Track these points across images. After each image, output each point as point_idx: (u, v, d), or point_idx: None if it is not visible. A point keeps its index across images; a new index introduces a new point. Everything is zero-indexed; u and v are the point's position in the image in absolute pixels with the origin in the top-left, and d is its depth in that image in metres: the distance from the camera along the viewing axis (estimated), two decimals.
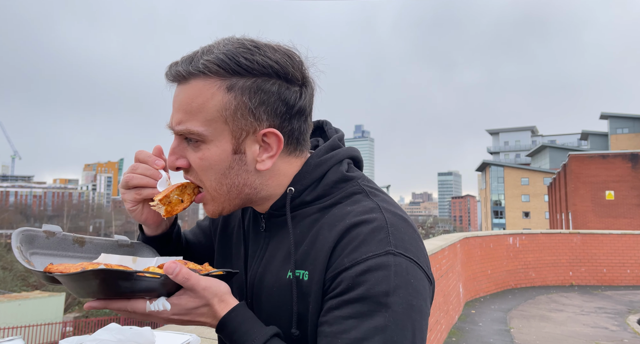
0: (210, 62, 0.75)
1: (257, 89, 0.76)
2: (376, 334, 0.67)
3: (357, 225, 0.75)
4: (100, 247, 0.90)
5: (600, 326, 7.60)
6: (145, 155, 0.88)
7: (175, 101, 0.79)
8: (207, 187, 0.82)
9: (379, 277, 0.70)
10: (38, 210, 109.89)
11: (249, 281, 0.87)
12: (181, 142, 0.81)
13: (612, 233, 11.50)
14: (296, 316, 0.76)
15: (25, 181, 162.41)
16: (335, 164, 0.85)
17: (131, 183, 0.86)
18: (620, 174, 24.51)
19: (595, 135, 53.73)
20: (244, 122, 0.77)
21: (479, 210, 77.95)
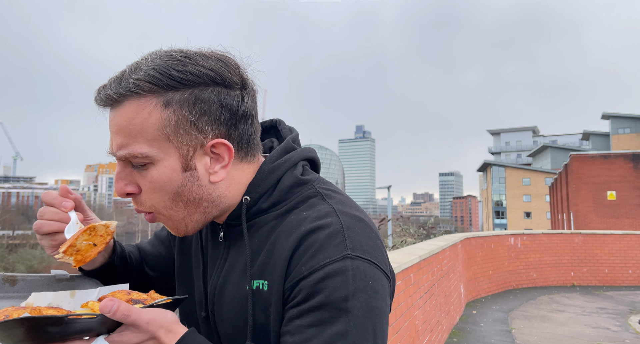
0: (141, 80, 0.71)
1: (196, 100, 0.73)
2: (338, 340, 0.67)
3: (313, 232, 0.74)
4: (34, 284, 0.83)
5: (602, 326, 7.58)
6: (51, 197, 0.82)
7: (111, 126, 0.74)
8: (158, 208, 0.78)
9: (337, 283, 0.70)
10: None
11: (210, 292, 0.84)
12: (126, 166, 0.76)
13: (614, 234, 11.48)
14: (251, 328, 0.75)
15: (27, 182, 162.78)
16: (289, 168, 0.83)
17: (41, 231, 0.81)
18: (621, 174, 24.47)
19: (596, 135, 53.63)
20: (187, 137, 0.74)
21: (480, 211, 77.90)
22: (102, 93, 0.74)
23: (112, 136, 0.75)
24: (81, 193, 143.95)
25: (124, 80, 0.72)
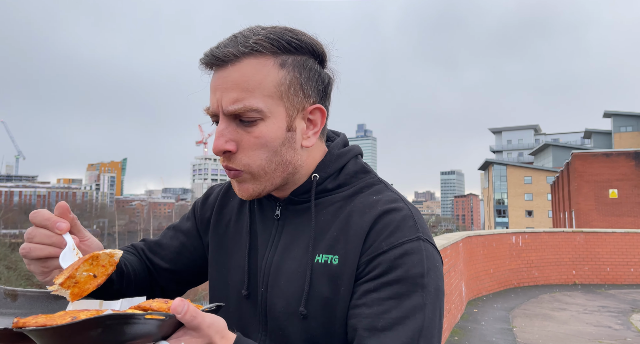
0: (263, 40, 0.76)
1: (304, 66, 0.80)
2: (416, 312, 0.73)
3: (388, 212, 0.80)
4: (34, 300, 0.77)
5: (604, 325, 7.58)
6: (43, 217, 0.73)
7: (224, 81, 0.77)
8: (251, 166, 0.80)
9: (415, 260, 0.76)
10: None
11: (264, 269, 0.86)
12: (230, 123, 0.78)
13: (616, 232, 11.46)
14: (305, 296, 0.79)
15: (29, 181, 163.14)
16: (352, 157, 0.90)
17: (31, 256, 0.72)
18: (623, 172, 24.42)
19: (598, 133, 53.50)
20: (295, 98, 0.80)
21: (482, 209, 77.82)
22: (220, 51, 0.77)
23: (221, 93, 0.77)
24: (83, 192, 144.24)
25: (241, 41, 0.76)
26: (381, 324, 0.72)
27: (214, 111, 0.79)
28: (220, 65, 0.77)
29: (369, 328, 0.72)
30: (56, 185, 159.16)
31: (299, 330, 0.80)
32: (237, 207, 0.96)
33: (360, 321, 0.74)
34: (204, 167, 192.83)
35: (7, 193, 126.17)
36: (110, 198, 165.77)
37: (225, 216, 0.97)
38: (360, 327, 0.74)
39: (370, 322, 0.73)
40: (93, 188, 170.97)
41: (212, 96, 0.79)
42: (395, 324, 0.72)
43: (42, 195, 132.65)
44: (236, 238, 0.93)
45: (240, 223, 0.93)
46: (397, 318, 0.72)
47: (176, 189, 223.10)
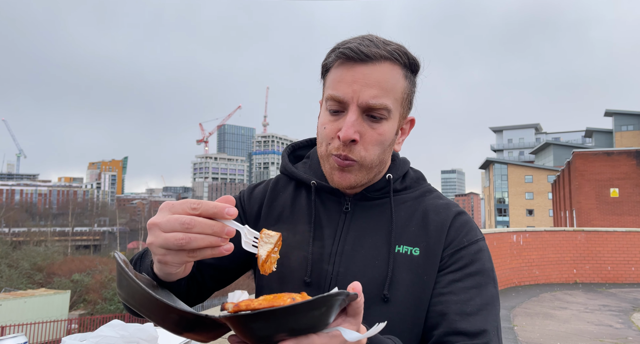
0: (398, 51, 0.86)
1: (414, 82, 0.92)
2: (494, 300, 0.87)
3: (461, 214, 0.94)
4: (145, 283, 0.73)
5: (605, 323, 7.58)
6: (208, 205, 0.66)
7: (366, 77, 0.84)
8: (366, 159, 0.88)
9: (487, 256, 0.91)
10: (43, 208, 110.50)
11: (333, 257, 0.90)
12: (359, 116, 0.85)
13: (617, 231, 11.45)
14: (389, 281, 0.86)
15: (30, 180, 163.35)
16: (409, 166, 1.04)
17: (190, 247, 0.64)
18: (625, 171, 24.38)
19: (599, 132, 53.39)
20: (407, 107, 0.92)
21: (483, 208, 77.80)
22: (365, 49, 0.84)
23: (360, 86, 0.84)
24: (84, 190, 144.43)
25: (380, 47, 0.85)
26: (470, 309, 0.84)
27: (345, 100, 0.85)
28: (365, 62, 0.84)
29: (459, 312, 0.83)
30: (57, 183, 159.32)
31: (378, 314, 0.85)
32: (290, 200, 1.00)
33: (449, 307, 0.84)
34: (204, 165, 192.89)
35: (9, 191, 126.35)
36: (111, 197, 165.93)
37: (276, 208, 1.00)
38: (450, 312, 0.84)
39: (460, 307, 0.84)
40: (94, 187, 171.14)
41: (344, 86, 0.85)
42: (480, 309, 0.84)
43: (44, 193, 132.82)
44: (293, 229, 0.95)
45: (298, 215, 0.97)
46: (482, 305, 0.85)
47: (177, 188, 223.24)
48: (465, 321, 0.82)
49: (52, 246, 45.47)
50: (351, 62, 0.85)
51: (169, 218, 0.65)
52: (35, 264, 35.03)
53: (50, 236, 62.59)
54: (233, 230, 0.67)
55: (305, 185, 1.01)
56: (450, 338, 0.82)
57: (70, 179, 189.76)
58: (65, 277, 31.60)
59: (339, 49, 0.86)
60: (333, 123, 0.87)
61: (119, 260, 0.66)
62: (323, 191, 0.97)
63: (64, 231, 78.17)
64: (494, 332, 0.83)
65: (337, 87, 0.85)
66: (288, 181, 1.04)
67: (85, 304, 28.51)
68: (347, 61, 0.85)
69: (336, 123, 0.86)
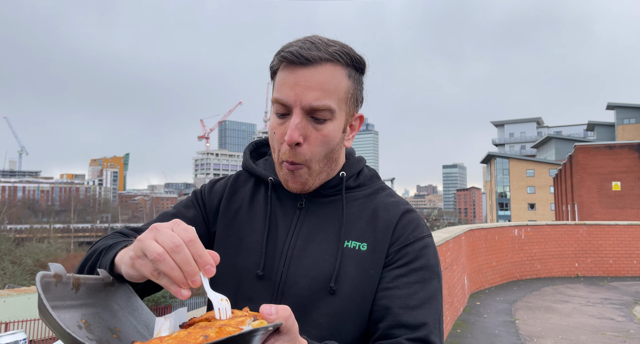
0: (340, 52, 0.88)
1: (359, 81, 0.94)
2: (437, 294, 0.91)
3: (409, 212, 0.97)
4: (91, 289, 0.73)
5: (606, 317, 7.58)
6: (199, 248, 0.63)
7: (307, 80, 0.86)
8: (312, 161, 0.91)
9: (432, 252, 0.94)
10: (46, 205, 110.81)
11: (286, 251, 0.93)
12: (303, 119, 0.88)
13: (619, 224, 11.43)
14: (336, 275, 0.89)
15: (32, 177, 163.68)
16: (364, 163, 1.06)
17: (159, 267, 0.62)
18: (627, 165, 24.31)
19: (601, 125, 53.20)
20: (352, 105, 0.94)
21: (484, 202, 77.77)
22: (307, 52, 0.86)
23: (302, 89, 0.86)
24: (86, 187, 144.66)
25: (321, 49, 0.87)
26: (413, 303, 0.87)
27: (289, 104, 0.87)
28: (305, 65, 0.86)
29: (403, 306, 0.87)
30: (59, 180, 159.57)
31: (325, 305, 0.88)
32: (248, 195, 1.03)
33: (393, 301, 0.88)
34: (206, 161, 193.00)
35: (11, 188, 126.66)
36: (113, 193, 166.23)
37: (235, 203, 1.02)
38: (394, 306, 0.87)
39: (404, 301, 0.87)
40: (96, 184, 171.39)
41: (288, 90, 0.87)
42: (424, 303, 0.88)
43: (46, 190, 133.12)
44: (249, 224, 0.98)
45: (255, 210, 1.00)
46: (425, 298, 0.88)
47: (179, 184, 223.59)
48: (408, 314, 0.86)
49: (55, 243, 45.67)
50: (293, 66, 0.87)
51: (168, 232, 0.64)
52: (39, 260, 35.19)
53: (52, 233, 62.81)
54: (200, 282, 0.64)
55: (264, 182, 1.03)
56: (393, 330, 0.85)
57: (72, 176, 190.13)
58: (69, 273, 31.67)
59: (281, 53, 0.89)
60: (280, 127, 0.90)
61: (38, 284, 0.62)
62: (280, 188, 1.00)
63: (67, 227, 78.41)
64: (435, 324, 0.87)
65: (280, 90, 0.88)
66: (248, 177, 1.07)
67: None
68: (289, 65, 0.88)
69: (283, 127, 0.90)
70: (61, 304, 0.67)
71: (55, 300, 0.65)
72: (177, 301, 25.43)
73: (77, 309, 0.70)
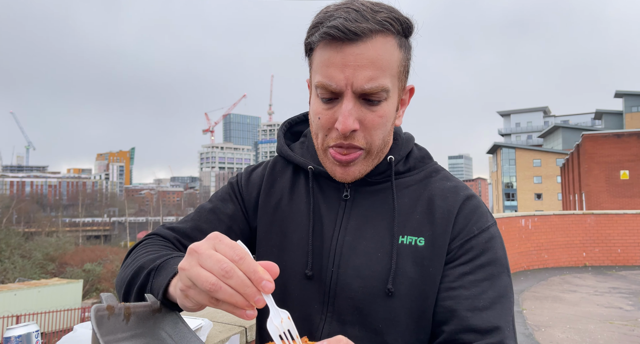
0: (390, 19, 0.76)
1: (409, 48, 0.81)
2: (508, 290, 0.81)
3: (470, 198, 0.86)
4: (140, 318, 0.70)
5: (615, 306, 7.55)
6: (251, 265, 0.59)
7: (358, 58, 0.74)
8: (373, 146, 0.81)
9: (498, 243, 0.84)
10: (54, 199, 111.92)
11: (334, 249, 0.85)
12: (356, 102, 0.77)
13: (627, 213, 11.33)
14: (393, 274, 0.80)
15: (40, 172, 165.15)
16: (414, 143, 0.94)
17: (217, 296, 0.59)
18: (635, 153, 24.07)
19: (609, 114, 52.60)
20: (404, 79, 0.82)
21: (490, 193, 77.59)
22: (353, 26, 0.73)
23: (353, 70, 0.74)
24: (93, 181, 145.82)
25: (369, 18, 0.74)
26: (482, 304, 0.78)
27: (339, 88, 0.76)
28: (354, 41, 0.73)
29: (471, 308, 0.78)
30: (66, 174, 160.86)
31: (382, 308, 0.81)
32: (288, 187, 0.94)
33: (459, 302, 0.79)
34: (211, 155, 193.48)
35: (19, 183, 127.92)
36: (119, 188, 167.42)
37: (274, 195, 0.94)
38: (460, 308, 0.78)
39: (471, 303, 0.78)
40: (102, 178, 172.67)
41: (336, 72, 0.75)
42: (494, 303, 0.78)
43: (53, 185, 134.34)
44: (293, 219, 0.90)
45: (296, 203, 0.91)
46: (495, 297, 0.79)
47: (184, 177, 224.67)
48: (477, 317, 0.77)
49: (64, 237, 46.15)
50: (338, 43, 0.74)
51: (212, 254, 0.59)
52: (48, 254, 35.62)
53: (61, 227, 63.50)
54: (264, 302, 0.60)
55: (303, 170, 0.94)
56: (461, 335, 0.77)
57: (79, 170, 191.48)
58: (77, 267, 32.13)
59: (323, 28, 0.75)
60: (327, 112, 0.79)
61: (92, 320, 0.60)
62: (321, 177, 0.91)
63: (75, 221, 79.23)
64: (508, 327, 0.78)
65: (326, 73, 0.76)
66: (286, 165, 0.98)
67: (98, 293, 29.00)
68: (333, 41, 0.75)
69: (331, 112, 0.78)
70: (113, 338, 0.64)
71: (109, 334, 0.63)
72: None
73: (127, 342, 0.67)
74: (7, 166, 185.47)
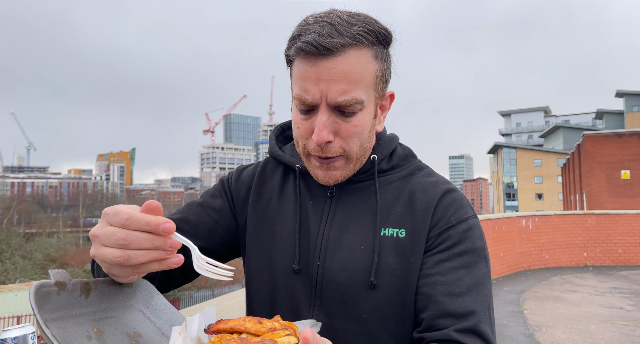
0: (364, 32, 0.78)
1: (387, 57, 0.84)
2: (485, 279, 0.83)
3: (450, 191, 0.89)
4: (104, 293, 0.71)
5: (616, 306, 7.54)
6: (139, 221, 0.61)
7: (331, 72, 0.77)
8: (349, 153, 0.84)
9: (477, 234, 0.86)
10: (54, 200, 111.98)
11: (320, 244, 0.88)
12: (331, 115, 0.80)
13: (628, 213, 11.32)
14: (375, 267, 0.83)
15: (40, 172, 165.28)
16: (398, 142, 0.98)
17: (130, 264, 0.62)
18: (636, 153, 24.03)
19: (610, 113, 52.49)
20: (382, 87, 0.85)
21: (491, 193, 77.55)
22: (327, 41, 0.75)
23: (327, 84, 0.77)
24: (94, 182, 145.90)
25: (343, 32, 0.76)
26: (457, 290, 0.80)
27: (314, 101, 0.79)
28: (326, 55, 0.76)
29: (447, 293, 0.80)
30: (67, 175, 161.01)
31: (366, 300, 0.83)
32: (278, 185, 0.98)
33: (435, 288, 0.81)
34: (212, 155, 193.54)
35: (20, 184, 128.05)
36: (120, 188, 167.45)
37: (264, 194, 0.98)
38: (437, 294, 0.80)
39: (447, 288, 0.80)
40: (103, 178, 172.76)
41: (311, 86, 0.78)
42: (470, 289, 0.80)
43: (54, 185, 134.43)
44: (281, 216, 0.94)
45: (285, 202, 0.95)
46: (471, 284, 0.81)
47: (185, 178, 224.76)
48: (453, 302, 0.79)
49: (64, 238, 46.21)
50: (312, 57, 0.77)
51: (106, 231, 0.62)
52: (49, 255, 35.65)
53: (62, 228, 63.54)
54: (178, 242, 0.63)
55: (292, 169, 0.98)
56: (438, 321, 0.79)
57: (80, 171, 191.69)
58: (78, 267, 32.13)
59: (297, 43, 0.78)
60: (305, 122, 0.83)
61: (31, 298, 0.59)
62: (308, 176, 0.94)
63: (75, 222, 79.25)
64: (484, 312, 0.80)
65: (302, 86, 0.79)
66: (276, 165, 1.01)
67: None
68: (308, 55, 0.78)
69: (308, 122, 0.82)
70: (68, 314, 0.63)
71: (60, 310, 0.62)
72: (185, 294, 25.65)
73: (88, 317, 0.66)
74: (8, 167, 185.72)
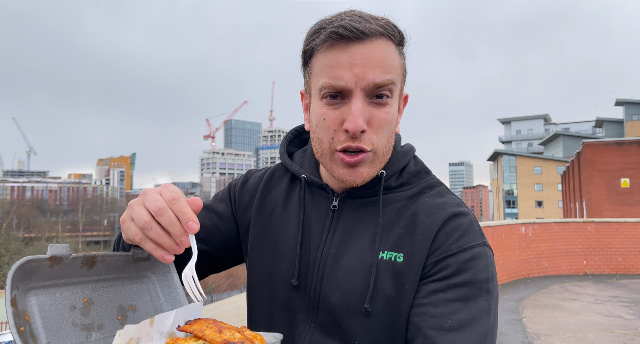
0: (389, 26, 0.78)
1: (405, 57, 0.84)
2: (483, 315, 0.74)
3: (456, 216, 0.82)
4: (112, 265, 0.74)
5: (615, 315, 7.51)
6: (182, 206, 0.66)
7: (366, 57, 0.75)
8: (378, 145, 0.79)
9: (482, 265, 0.78)
10: (54, 204, 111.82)
11: (318, 260, 0.85)
12: (364, 101, 0.76)
13: (628, 221, 11.31)
14: (370, 294, 0.79)
15: (40, 177, 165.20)
16: (412, 156, 0.91)
17: (148, 235, 0.67)
18: (636, 161, 24.06)
19: (610, 122, 52.58)
20: (403, 84, 0.84)
21: (491, 200, 77.43)
22: (359, 26, 0.75)
23: (362, 68, 0.75)
24: (94, 186, 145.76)
25: (372, 22, 0.76)
26: (449, 325, 0.73)
27: (348, 85, 0.75)
28: (362, 40, 0.75)
29: (437, 327, 0.73)
30: (67, 180, 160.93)
31: (359, 326, 0.79)
32: (283, 195, 0.94)
33: (425, 320, 0.75)
34: (212, 160, 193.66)
35: (20, 188, 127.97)
36: (120, 193, 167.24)
37: (269, 203, 0.95)
38: (425, 326, 0.74)
39: (438, 322, 0.74)
40: (103, 183, 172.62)
41: (344, 71, 0.75)
42: (463, 325, 0.73)
43: (54, 190, 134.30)
44: (284, 227, 0.91)
45: (289, 213, 0.91)
46: (465, 320, 0.73)
47: (185, 183, 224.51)
48: (442, 337, 0.72)
49: (63, 242, 45.93)
50: (345, 42, 0.74)
51: (154, 196, 0.68)
52: None
53: (61, 232, 63.39)
54: (188, 242, 0.67)
55: (299, 179, 0.94)
56: None
57: (80, 176, 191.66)
58: None
59: (328, 29, 0.75)
60: (334, 112, 0.77)
61: (12, 270, 0.61)
62: (314, 186, 0.91)
63: (75, 227, 79.11)
64: None
65: (333, 73, 0.75)
66: (284, 173, 0.98)
67: None
68: (339, 41, 0.75)
69: (337, 112, 0.76)
70: (64, 282, 0.68)
71: (52, 279, 0.67)
72: None
73: (86, 286, 0.71)
74: (8, 171, 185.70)
